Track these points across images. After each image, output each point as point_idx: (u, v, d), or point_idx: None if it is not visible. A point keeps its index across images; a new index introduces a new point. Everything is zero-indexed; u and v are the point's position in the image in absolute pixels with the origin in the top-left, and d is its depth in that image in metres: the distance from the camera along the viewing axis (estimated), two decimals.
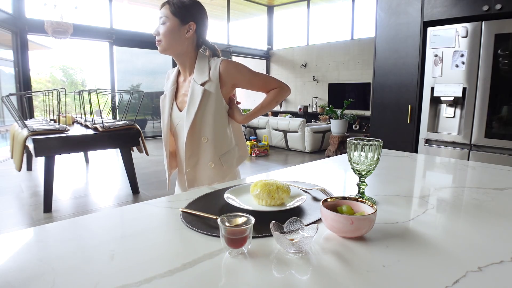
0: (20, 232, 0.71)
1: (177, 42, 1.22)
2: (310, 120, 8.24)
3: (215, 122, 1.24)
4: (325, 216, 0.69)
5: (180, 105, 1.30)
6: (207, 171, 1.29)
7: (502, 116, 2.42)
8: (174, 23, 1.20)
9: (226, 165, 1.29)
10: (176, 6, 1.20)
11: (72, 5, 6.21)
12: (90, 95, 3.89)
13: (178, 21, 1.20)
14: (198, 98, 1.21)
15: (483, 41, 2.38)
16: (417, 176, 1.31)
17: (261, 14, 10.59)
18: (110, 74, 7.80)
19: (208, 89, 1.22)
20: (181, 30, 1.21)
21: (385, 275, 0.55)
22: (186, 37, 1.23)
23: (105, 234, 0.72)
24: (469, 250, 0.64)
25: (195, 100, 1.22)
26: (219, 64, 1.23)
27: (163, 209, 0.86)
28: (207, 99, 1.22)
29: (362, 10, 8.48)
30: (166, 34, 1.20)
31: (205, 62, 1.26)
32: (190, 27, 1.22)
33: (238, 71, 1.25)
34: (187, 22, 1.22)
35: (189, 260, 0.59)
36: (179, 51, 1.25)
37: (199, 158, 1.29)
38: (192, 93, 1.23)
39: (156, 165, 5.45)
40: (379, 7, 2.95)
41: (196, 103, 1.22)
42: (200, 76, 1.24)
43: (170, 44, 1.22)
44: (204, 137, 1.25)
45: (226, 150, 1.30)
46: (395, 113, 2.94)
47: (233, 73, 1.24)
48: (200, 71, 1.25)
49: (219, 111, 1.25)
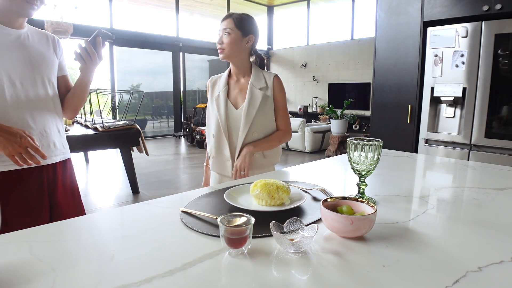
0: (20, 232, 0.71)
1: (238, 51, 1.43)
2: (310, 120, 8.24)
3: (266, 121, 1.46)
4: (325, 216, 0.69)
5: (235, 103, 1.48)
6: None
7: (502, 116, 2.42)
8: (237, 35, 1.40)
9: (267, 158, 1.49)
10: (239, 21, 1.41)
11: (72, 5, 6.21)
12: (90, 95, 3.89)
13: (240, 33, 1.41)
14: (258, 100, 1.43)
15: (483, 41, 2.38)
16: (417, 176, 1.31)
17: (261, 14, 10.59)
18: (110, 74, 7.79)
19: (266, 94, 1.45)
20: (242, 41, 1.42)
21: (385, 275, 0.55)
22: (245, 47, 1.44)
23: (105, 234, 0.72)
24: (469, 250, 0.64)
25: (255, 102, 1.43)
26: (273, 77, 1.48)
27: (163, 209, 0.86)
28: (264, 102, 1.44)
29: (362, 10, 8.48)
30: (230, 44, 1.40)
31: (259, 71, 1.50)
32: (250, 39, 1.44)
33: (281, 91, 1.49)
34: (247, 35, 1.43)
35: (189, 260, 0.59)
36: (239, 58, 1.46)
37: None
38: (252, 95, 1.44)
39: (156, 165, 5.45)
40: (379, 7, 2.95)
41: (256, 104, 1.43)
42: (258, 82, 1.46)
43: (232, 53, 1.42)
44: (255, 132, 1.45)
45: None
46: (395, 113, 2.93)
47: (278, 90, 1.48)
48: (257, 78, 1.47)
49: (271, 112, 1.47)
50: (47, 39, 1.28)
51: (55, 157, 1.27)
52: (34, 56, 1.19)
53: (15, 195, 1.15)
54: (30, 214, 1.19)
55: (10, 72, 1.11)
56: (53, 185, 1.27)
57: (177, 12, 8.70)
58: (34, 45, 1.21)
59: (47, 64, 1.23)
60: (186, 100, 9.31)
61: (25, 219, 1.15)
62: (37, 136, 1.18)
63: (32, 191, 1.19)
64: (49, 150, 1.24)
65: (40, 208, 1.22)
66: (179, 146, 7.59)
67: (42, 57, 1.22)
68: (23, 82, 1.15)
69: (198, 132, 6.89)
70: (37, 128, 1.19)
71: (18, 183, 1.16)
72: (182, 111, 9.17)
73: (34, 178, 1.20)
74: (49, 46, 1.28)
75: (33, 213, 1.20)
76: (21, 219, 1.15)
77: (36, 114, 1.19)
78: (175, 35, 8.67)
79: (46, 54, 1.24)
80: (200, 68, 10.01)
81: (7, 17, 1.13)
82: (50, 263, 0.58)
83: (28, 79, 1.16)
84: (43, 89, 1.21)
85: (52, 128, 1.25)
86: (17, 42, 1.16)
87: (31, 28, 1.24)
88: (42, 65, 1.22)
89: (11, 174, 1.13)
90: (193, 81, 9.67)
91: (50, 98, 1.25)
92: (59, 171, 1.29)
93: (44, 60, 1.23)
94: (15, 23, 1.16)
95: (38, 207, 1.22)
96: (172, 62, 8.76)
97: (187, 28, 8.91)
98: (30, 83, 1.17)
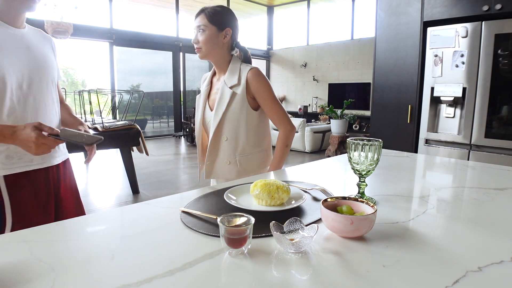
0: (20, 232, 0.71)
1: (216, 48, 1.32)
2: (310, 120, 8.24)
3: (238, 124, 1.33)
4: (325, 216, 0.69)
5: (211, 105, 1.40)
6: (223, 167, 1.38)
7: (502, 116, 2.42)
8: (212, 30, 1.29)
9: (241, 166, 1.37)
10: (212, 15, 1.29)
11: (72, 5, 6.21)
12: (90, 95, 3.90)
13: (216, 28, 1.30)
14: (226, 100, 1.31)
15: (483, 41, 2.38)
16: (417, 176, 1.31)
17: (261, 14, 10.59)
18: (110, 74, 7.79)
19: (236, 92, 1.31)
20: (219, 36, 1.31)
21: (385, 275, 0.55)
22: (224, 42, 1.32)
23: (105, 234, 0.72)
24: (469, 250, 0.64)
25: (223, 102, 1.32)
26: (248, 71, 1.32)
27: (163, 209, 0.86)
28: (233, 102, 1.31)
29: (362, 10, 8.48)
30: (206, 42, 1.29)
31: (236, 66, 1.35)
32: (227, 33, 1.32)
33: (259, 84, 1.32)
34: (224, 29, 1.31)
35: (189, 260, 0.59)
36: (219, 55, 1.34)
37: (218, 155, 1.38)
38: (222, 95, 1.33)
39: (156, 165, 5.45)
40: (379, 7, 2.95)
41: (224, 104, 1.31)
42: (230, 79, 1.33)
43: (210, 50, 1.31)
44: (224, 136, 1.34)
45: (247, 152, 1.37)
46: (395, 113, 2.93)
47: (254, 84, 1.31)
48: (231, 74, 1.34)
49: (243, 114, 1.32)
50: (45, 40, 1.27)
51: (59, 158, 1.28)
52: (38, 57, 1.18)
53: (25, 195, 1.15)
54: (39, 214, 1.20)
55: (17, 74, 1.09)
56: (57, 185, 1.28)
57: (177, 12, 8.70)
58: (37, 46, 1.19)
59: (50, 66, 1.23)
60: (186, 100, 9.31)
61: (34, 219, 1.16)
62: None
63: (40, 191, 1.20)
64: (55, 151, 1.25)
65: (47, 207, 1.23)
66: (179, 146, 7.59)
67: (45, 59, 1.21)
68: (30, 85, 1.13)
69: None
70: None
71: (27, 183, 1.16)
72: (182, 111, 9.17)
73: (42, 178, 1.20)
74: (49, 48, 1.27)
75: (42, 213, 1.21)
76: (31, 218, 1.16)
77: (43, 117, 1.18)
78: (175, 35, 8.67)
79: (48, 55, 1.23)
80: (200, 68, 10.01)
81: (10, 15, 1.10)
82: (50, 263, 0.58)
83: (34, 81, 1.15)
84: (48, 91, 1.21)
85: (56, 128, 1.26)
86: (22, 42, 1.13)
87: (31, 28, 1.22)
88: (47, 67, 1.21)
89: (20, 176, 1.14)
90: (193, 81, 9.68)
91: (55, 100, 1.25)
92: (62, 171, 1.30)
93: (47, 62, 1.22)
94: (18, 21, 1.13)
95: (46, 206, 1.23)
96: (172, 62, 8.76)
97: (187, 28, 8.91)
98: (36, 86, 1.16)
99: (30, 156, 1.14)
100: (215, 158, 1.39)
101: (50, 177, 1.24)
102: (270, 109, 1.35)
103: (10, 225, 1.10)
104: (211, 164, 1.40)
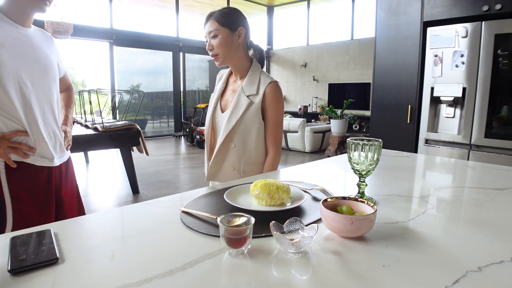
0: (20, 232, 0.71)
1: (232, 50, 1.28)
2: (310, 120, 8.24)
3: (248, 133, 1.31)
4: (325, 216, 0.69)
5: (223, 105, 1.38)
6: (226, 172, 1.37)
7: (502, 116, 2.42)
8: (225, 33, 1.26)
9: (244, 174, 1.34)
10: (222, 17, 1.25)
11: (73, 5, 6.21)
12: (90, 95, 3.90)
13: (228, 30, 1.26)
14: (242, 108, 1.29)
15: (483, 41, 2.38)
16: (417, 176, 1.31)
17: (261, 14, 10.59)
18: (110, 74, 7.79)
19: (253, 101, 1.29)
20: (233, 37, 1.27)
21: (385, 275, 0.55)
22: (239, 42, 1.29)
23: (105, 234, 0.71)
24: (469, 250, 0.64)
25: (239, 109, 1.29)
26: (267, 84, 1.30)
27: (163, 209, 0.86)
28: (248, 110, 1.29)
29: (362, 10, 8.48)
30: (221, 45, 1.26)
31: (256, 74, 1.33)
32: (240, 33, 1.29)
33: (273, 103, 1.30)
34: (236, 29, 1.28)
35: (189, 260, 0.59)
36: (237, 57, 1.31)
37: (223, 159, 1.37)
38: (238, 101, 1.30)
39: (156, 165, 5.45)
40: (379, 7, 2.95)
41: (239, 112, 1.29)
42: (248, 88, 1.31)
43: (227, 54, 1.28)
44: (232, 142, 1.32)
45: (252, 162, 1.35)
46: (395, 113, 2.93)
47: (270, 99, 1.30)
48: (250, 82, 1.32)
49: (255, 124, 1.31)
50: (47, 39, 1.27)
51: (61, 158, 1.28)
52: (41, 57, 1.19)
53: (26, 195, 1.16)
54: (39, 214, 1.20)
55: (22, 73, 1.10)
56: (59, 185, 1.28)
57: (177, 12, 8.70)
58: (41, 46, 1.20)
59: (52, 66, 1.23)
60: (186, 100, 9.31)
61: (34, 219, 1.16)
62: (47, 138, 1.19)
63: (41, 191, 1.20)
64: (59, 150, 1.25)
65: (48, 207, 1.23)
66: (179, 146, 7.59)
67: (48, 58, 1.22)
68: (34, 84, 1.14)
69: (198, 132, 6.89)
70: (46, 130, 1.19)
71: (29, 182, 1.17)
72: (182, 111, 9.17)
73: (44, 178, 1.21)
74: (51, 47, 1.27)
75: (42, 213, 1.21)
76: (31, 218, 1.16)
77: (45, 116, 1.19)
78: (175, 35, 8.67)
79: (50, 55, 1.24)
80: (200, 68, 10.01)
81: (20, 15, 1.11)
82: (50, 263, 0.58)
83: (38, 80, 1.16)
84: (49, 90, 1.21)
85: (58, 129, 1.26)
86: (29, 42, 1.14)
87: (35, 27, 1.23)
88: (49, 67, 1.21)
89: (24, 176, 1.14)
90: (193, 81, 9.68)
91: (55, 100, 1.26)
92: (64, 170, 1.31)
93: (50, 62, 1.23)
94: (27, 21, 1.14)
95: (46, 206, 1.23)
96: (172, 62, 8.76)
97: (187, 28, 8.91)
98: (39, 85, 1.17)
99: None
100: (220, 162, 1.38)
101: (52, 177, 1.24)
102: (271, 128, 1.34)
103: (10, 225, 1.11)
104: (215, 166, 1.39)
